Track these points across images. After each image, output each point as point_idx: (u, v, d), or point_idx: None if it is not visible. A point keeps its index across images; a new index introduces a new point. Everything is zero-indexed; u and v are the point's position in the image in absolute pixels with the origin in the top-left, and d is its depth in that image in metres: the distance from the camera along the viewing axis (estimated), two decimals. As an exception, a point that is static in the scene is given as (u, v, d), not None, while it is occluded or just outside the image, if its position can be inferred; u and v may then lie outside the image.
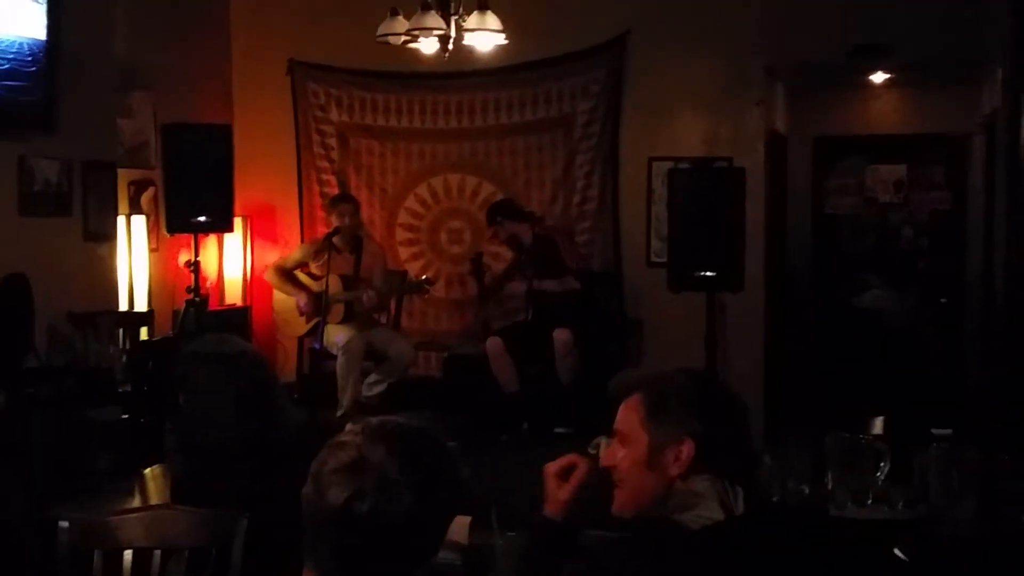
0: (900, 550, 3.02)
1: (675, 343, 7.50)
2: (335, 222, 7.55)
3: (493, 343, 7.28)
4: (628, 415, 2.24)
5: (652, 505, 2.19)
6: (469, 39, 6.23)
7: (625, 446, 2.23)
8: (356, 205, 7.74)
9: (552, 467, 2.34)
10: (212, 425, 2.84)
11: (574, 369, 7.18)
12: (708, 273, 6.86)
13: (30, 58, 5.93)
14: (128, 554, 2.76)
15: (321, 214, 8.44)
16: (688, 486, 2.16)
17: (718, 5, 7.82)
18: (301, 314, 7.63)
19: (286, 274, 7.68)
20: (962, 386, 8.46)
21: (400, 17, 6.28)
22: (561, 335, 7.12)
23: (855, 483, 3.41)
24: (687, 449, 2.15)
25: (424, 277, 7.80)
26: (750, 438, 2.28)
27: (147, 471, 4.08)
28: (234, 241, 8.43)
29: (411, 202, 8.54)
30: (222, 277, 8.43)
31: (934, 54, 7.79)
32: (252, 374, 2.89)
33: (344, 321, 7.46)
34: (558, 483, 2.32)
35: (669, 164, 7.78)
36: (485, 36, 6.17)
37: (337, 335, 7.32)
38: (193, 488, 2.88)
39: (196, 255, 7.29)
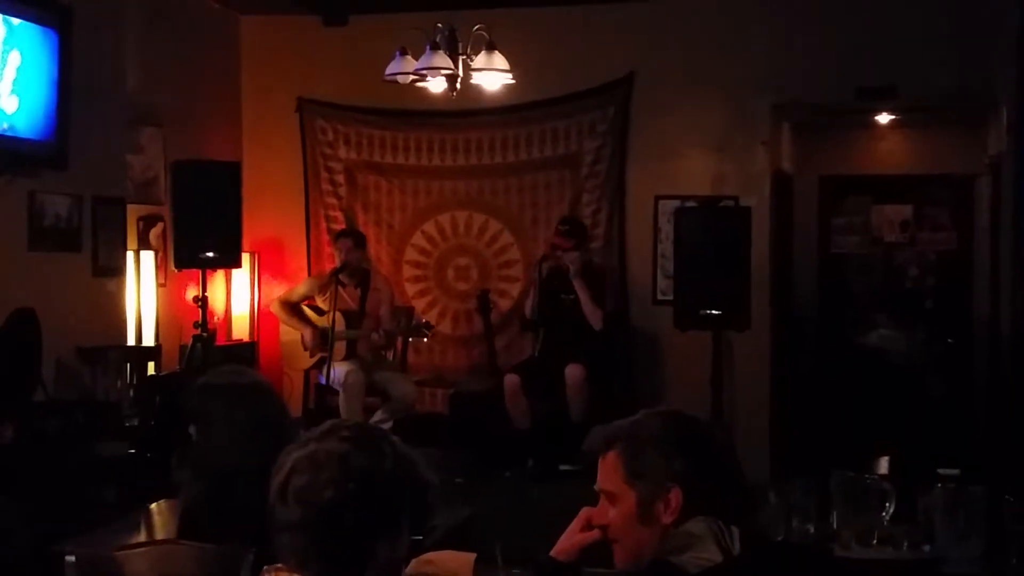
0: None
1: (681, 381, 7.51)
2: (339, 257, 7.58)
3: (511, 380, 7.24)
4: (609, 474, 2.25)
5: (653, 556, 2.19)
6: (477, 78, 6.30)
7: (614, 504, 2.24)
8: (359, 239, 7.75)
9: (587, 513, 2.35)
10: (223, 456, 2.85)
11: (586, 405, 7.15)
12: (714, 312, 6.88)
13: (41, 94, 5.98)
14: (134, 589, 2.77)
15: (329, 250, 8.46)
16: (684, 528, 2.16)
17: (724, 45, 7.87)
18: (306, 348, 7.64)
19: (291, 307, 7.70)
20: (969, 426, 8.44)
21: (408, 56, 6.34)
22: (574, 371, 7.09)
23: (860, 523, 3.41)
24: (675, 497, 2.16)
25: (424, 321, 7.81)
26: (738, 471, 2.30)
27: (153, 505, 4.09)
28: (242, 277, 8.45)
29: (418, 239, 8.57)
30: (230, 312, 8.45)
31: (940, 95, 7.84)
32: (264, 406, 2.91)
33: (346, 358, 7.46)
34: (581, 527, 2.33)
35: (675, 203, 7.82)
36: (492, 76, 6.23)
37: (337, 371, 7.33)
38: (203, 520, 2.88)
39: (204, 290, 7.31)
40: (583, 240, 7.47)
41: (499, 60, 6.16)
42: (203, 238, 7.22)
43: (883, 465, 4.13)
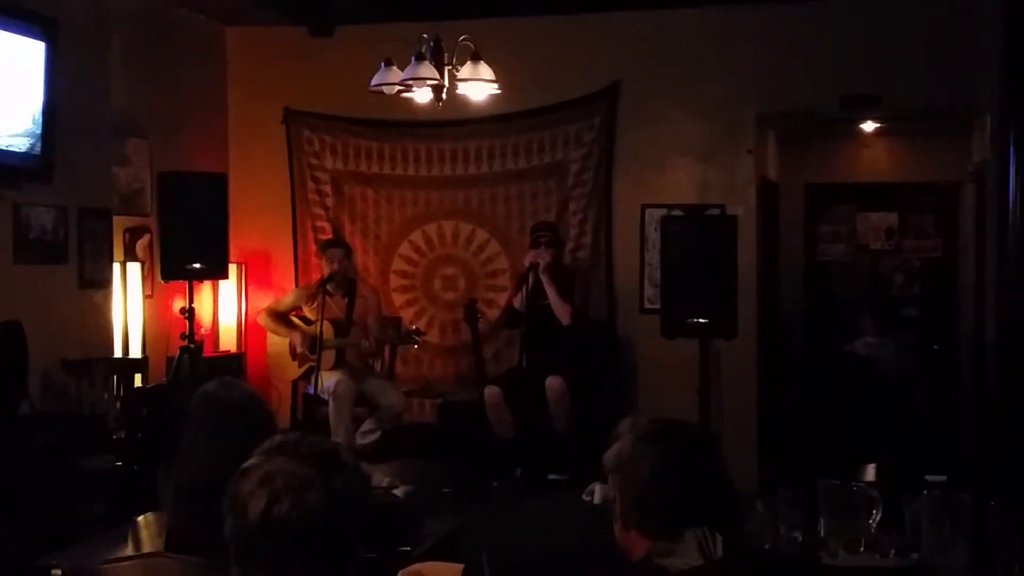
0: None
1: (668, 390, 7.52)
2: (325, 267, 7.58)
3: (491, 392, 7.27)
4: None
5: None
6: (462, 88, 6.30)
7: None
8: (346, 249, 7.77)
9: None
10: (210, 469, 2.85)
11: (568, 416, 7.17)
12: (701, 320, 6.89)
13: (27, 107, 5.97)
14: (121, 602, 2.76)
15: (316, 261, 8.45)
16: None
17: (709, 54, 7.90)
18: (294, 357, 7.64)
19: (279, 316, 7.69)
20: (954, 433, 8.47)
21: (394, 67, 6.34)
22: (553, 382, 7.12)
23: (847, 531, 3.42)
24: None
25: (414, 328, 7.82)
26: (726, 480, 2.33)
27: (140, 519, 4.07)
28: (229, 288, 8.44)
29: (405, 249, 8.57)
30: (217, 324, 8.44)
31: (924, 104, 7.87)
32: (253, 419, 2.91)
33: (335, 367, 7.46)
34: None
35: (662, 211, 7.84)
36: (478, 86, 6.23)
37: (327, 380, 7.32)
38: (189, 533, 2.88)
39: (191, 302, 7.31)
40: (554, 240, 7.52)
41: (485, 70, 6.16)
42: (190, 249, 7.22)
43: (870, 472, 4.14)
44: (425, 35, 6.22)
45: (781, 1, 7.79)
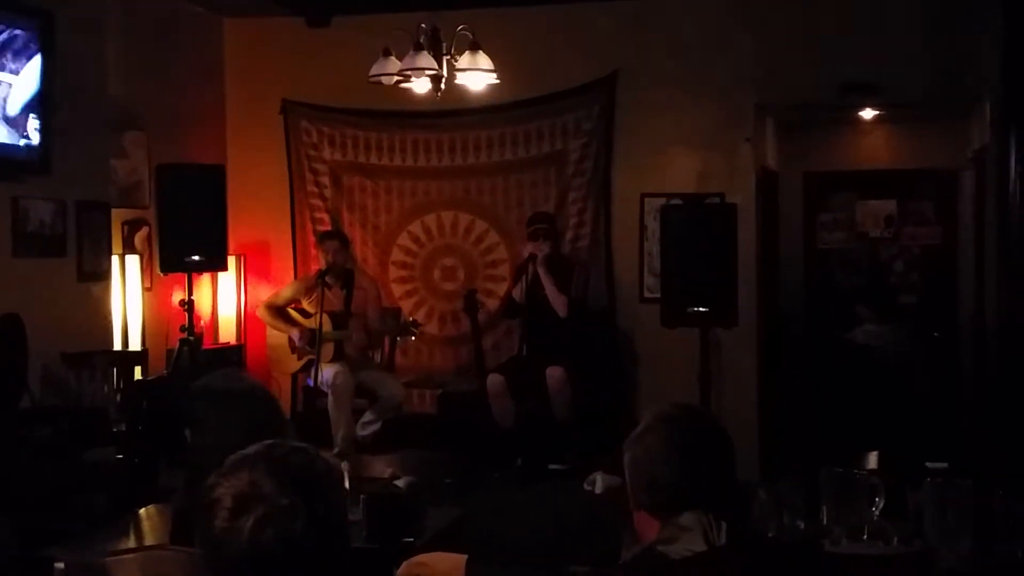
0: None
1: (669, 379, 7.52)
2: (323, 258, 7.58)
3: (495, 380, 7.27)
4: None
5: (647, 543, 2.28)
6: (461, 78, 6.29)
7: None
8: (344, 240, 7.77)
9: None
10: (215, 461, 2.83)
11: (568, 406, 7.17)
12: (701, 309, 6.89)
13: (24, 100, 5.95)
14: (124, 595, 2.76)
15: (315, 252, 8.43)
16: (675, 521, 2.25)
17: (708, 42, 7.88)
18: (293, 351, 7.64)
19: (277, 311, 7.69)
20: (954, 420, 8.47)
21: (392, 57, 6.33)
22: (554, 372, 7.12)
23: (850, 518, 3.41)
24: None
25: (412, 319, 7.81)
26: (731, 472, 2.35)
27: (142, 511, 4.08)
28: (228, 280, 8.44)
29: (404, 240, 8.56)
30: (216, 316, 8.43)
31: (923, 91, 7.85)
32: (261, 411, 2.90)
33: (335, 359, 7.46)
34: None
35: (661, 200, 7.83)
36: (477, 76, 6.23)
37: (326, 372, 7.32)
38: (193, 524, 2.86)
39: (190, 294, 7.30)
40: (551, 231, 7.52)
41: (483, 60, 6.15)
42: (188, 241, 7.22)
43: (872, 460, 4.14)
44: (423, 25, 6.22)
45: (779, -12, 7.78)
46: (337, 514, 1.82)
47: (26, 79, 5.93)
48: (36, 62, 5.97)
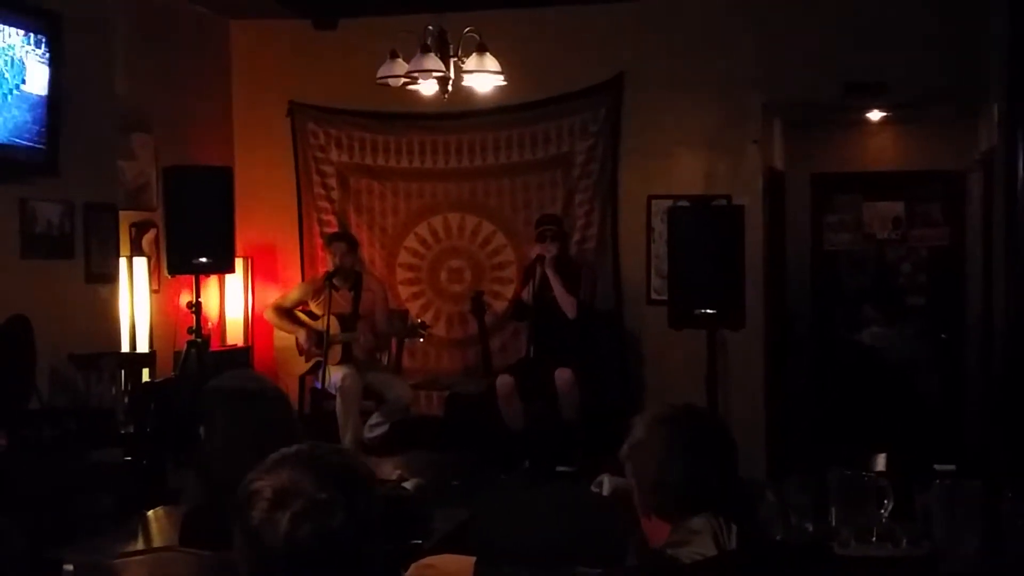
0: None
1: (676, 380, 7.51)
2: (331, 260, 7.58)
3: (504, 382, 7.27)
4: None
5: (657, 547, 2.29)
6: (468, 80, 6.29)
7: None
8: (351, 242, 7.77)
9: None
10: (226, 461, 2.84)
11: (577, 407, 7.17)
12: (708, 311, 6.88)
13: (32, 102, 5.96)
14: (133, 597, 2.76)
15: (322, 254, 8.46)
16: (686, 524, 2.25)
17: (714, 44, 7.88)
18: (301, 352, 7.64)
19: (285, 312, 7.70)
20: (961, 422, 8.45)
21: (399, 59, 6.33)
22: (563, 374, 7.12)
23: (859, 520, 3.41)
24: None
25: (420, 321, 7.82)
26: (735, 474, 2.35)
27: (151, 513, 4.07)
28: (235, 282, 8.45)
29: (411, 241, 8.57)
30: (223, 318, 8.44)
31: (930, 91, 7.85)
32: (270, 412, 2.90)
33: (342, 362, 7.47)
34: None
35: (668, 202, 7.83)
36: (484, 77, 6.22)
37: (334, 375, 7.33)
38: (204, 524, 2.87)
39: (197, 296, 7.31)
40: (559, 233, 7.50)
41: (490, 62, 6.15)
42: (196, 243, 7.23)
43: (880, 462, 4.13)
44: (430, 27, 6.21)
45: (786, -10, 7.78)
46: (375, 512, 1.82)
47: (34, 81, 5.94)
48: (44, 64, 5.98)
